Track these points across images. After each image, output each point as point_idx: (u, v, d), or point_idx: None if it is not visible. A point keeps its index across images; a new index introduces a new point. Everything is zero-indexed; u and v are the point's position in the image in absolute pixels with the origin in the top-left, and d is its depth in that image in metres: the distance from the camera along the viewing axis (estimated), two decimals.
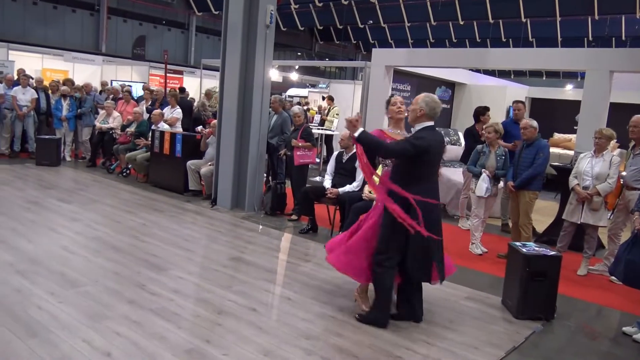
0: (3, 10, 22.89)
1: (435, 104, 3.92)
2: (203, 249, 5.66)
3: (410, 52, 11.92)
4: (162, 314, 3.82)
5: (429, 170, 4.00)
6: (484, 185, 6.04)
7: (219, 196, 7.44)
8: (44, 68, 14.70)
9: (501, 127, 6.25)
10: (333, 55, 39.24)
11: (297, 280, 4.81)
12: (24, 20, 23.54)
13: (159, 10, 28.60)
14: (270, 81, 7.61)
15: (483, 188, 6.04)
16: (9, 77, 10.50)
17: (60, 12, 24.87)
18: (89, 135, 10.38)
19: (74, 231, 5.74)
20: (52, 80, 11.12)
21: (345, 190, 6.19)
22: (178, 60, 27.61)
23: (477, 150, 6.29)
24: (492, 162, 6.07)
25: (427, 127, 3.91)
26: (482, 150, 6.21)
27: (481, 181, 6.07)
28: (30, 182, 8.11)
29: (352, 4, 29.55)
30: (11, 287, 4.05)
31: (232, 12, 7.23)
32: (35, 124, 10.32)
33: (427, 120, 3.92)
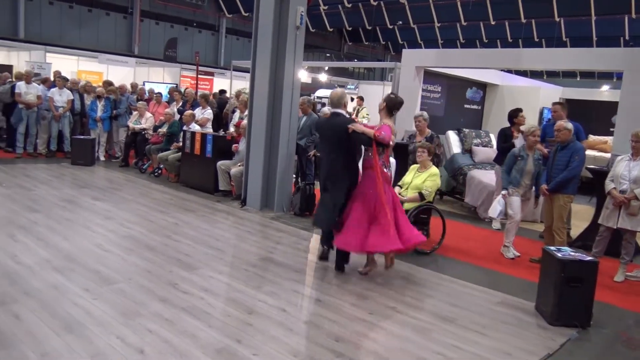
0: (41, 13, 23.57)
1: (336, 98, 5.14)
2: (233, 249, 5.71)
3: (441, 53, 11.80)
4: (193, 312, 3.87)
5: (323, 145, 5.33)
6: (498, 207, 5.86)
7: (248, 197, 7.50)
8: (80, 70, 15.09)
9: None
10: (362, 56, 39.18)
11: (326, 281, 4.81)
12: (60, 24, 24.20)
13: (190, 12, 29.03)
14: (300, 82, 7.62)
15: (497, 210, 5.87)
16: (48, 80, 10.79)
17: (95, 15, 25.48)
18: (125, 135, 10.60)
19: (108, 229, 5.86)
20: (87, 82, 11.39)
21: None
22: (208, 61, 27.97)
23: (513, 154, 6.02)
24: (530, 167, 5.87)
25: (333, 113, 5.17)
26: (519, 154, 5.95)
27: (496, 203, 5.92)
28: (66, 181, 8.31)
29: (381, 5, 29.45)
30: (48, 283, 4.16)
31: (262, 14, 7.27)
32: (70, 124, 10.59)
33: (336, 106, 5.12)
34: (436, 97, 11.08)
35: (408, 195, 5.86)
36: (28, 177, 8.33)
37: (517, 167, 5.92)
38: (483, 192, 8.01)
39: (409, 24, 31.45)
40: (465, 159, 8.89)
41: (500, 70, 12.57)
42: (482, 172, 8.39)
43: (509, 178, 5.95)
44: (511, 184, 5.93)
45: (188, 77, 17.29)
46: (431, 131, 6.91)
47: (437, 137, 6.93)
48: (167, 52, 18.63)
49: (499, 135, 7.63)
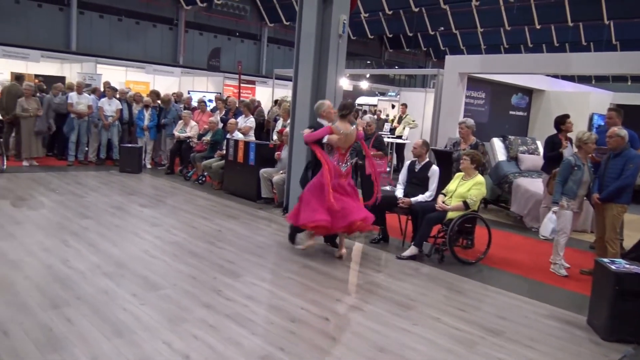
0: (91, 26, 24.53)
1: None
2: (275, 256, 5.74)
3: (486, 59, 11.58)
4: (237, 319, 3.90)
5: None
6: (550, 225, 5.52)
7: (290, 204, 7.52)
8: (128, 80, 15.57)
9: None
10: (403, 63, 38.96)
11: (369, 290, 4.77)
12: (109, 36, 25.11)
13: (233, 22, 29.59)
14: (342, 90, 7.63)
15: (549, 228, 5.52)
16: (98, 90, 11.20)
17: (142, 27, 26.31)
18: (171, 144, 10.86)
19: (154, 236, 6.00)
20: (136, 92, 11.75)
21: (418, 200, 6.08)
22: (250, 70, 28.40)
23: (569, 164, 5.59)
24: (587, 177, 5.57)
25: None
26: (575, 164, 5.57)
27: (547, 221, 5.56)
28: (115, 188, 8.58)
29: (422, 11, 29.25)
30: (99, 288, 4.29)
31: (305, 23, 7.32)
32: (119, 133, 10.94)
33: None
34: (480, 103, 10.88)
35: (452, 204, 5.76)
36: (79, 184, 8.64)
37: (574, 178, 5.56)
38: (530, 201, 7.79)
39: (451, 29, 31.09)
40: (511, 167, 8.68)
41: (546, 76, 12.24)
42: (528, 180, 8.17)
43: (562, 190, 5.59)
44: (565, 195, 5.58)
45: (231, 86, 17.59)
46: (476, 138, 6.78)
47: (482, 144, 6.80)
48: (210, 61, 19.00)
49: (546, 143, 7.40)
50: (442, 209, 5.75)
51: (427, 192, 6.14)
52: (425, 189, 6.19)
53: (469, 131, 6.79)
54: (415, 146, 6.37)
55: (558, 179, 5.67)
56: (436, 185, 6.19)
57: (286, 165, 7.70)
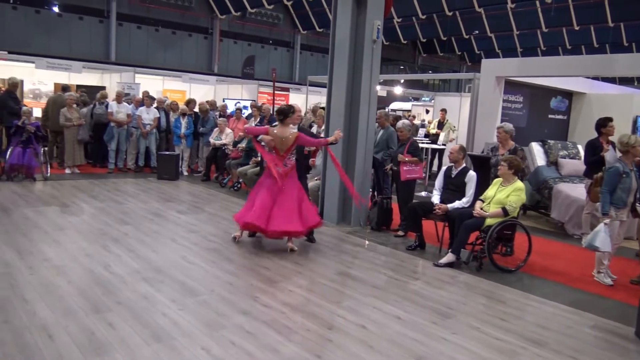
0: (130, 37, 25.23)
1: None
2: (311, 263, 5.73)
3: (523, 62, 11.34)
4: (274, 326, 3.91)
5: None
6: (606, 238, 5.07)
7: (325, 210, 7.53)
8: (165, 89, 15.90)
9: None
10: (436, 68, 38.63)
11: (406, 298, 4.70)
12: (147, 46, 25.76)
13: (266, 30, 29.95)
14: (377, 96, 7.60)
15: (606, 242, 5.07)
16: (137, 99, 11.48)
17: (179, 37, 26.90)
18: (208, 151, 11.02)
19: (192, 242, 6.08)
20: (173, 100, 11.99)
21: (455, 206, 5.99)
22: (284, 77, 28.66)
23: (617, 171, 5.26)
24: (634, 183, 5.31)
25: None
26: (624, 171, 5.27)
27: (604, 233, 5.07)
28: (153, 195, 8.75)
29: (456, 15, 28.95)
30: (139, 293, 4.36)
31: (339, 29, 7.34)
32: (157, 141, 11.17)
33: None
34: (518, 107, 10.65)
35: (490, 211, 5.64)
36: (119, 191, 8.85)
37: (623, 186, 5.25)
38: (571, 207, 7.57)
39: (486, 33, 30.67)
40: (551, 172, 8.46)
41: (586, 78, 11.89)
42: (569, 186, 7.94)
43: (611, 199, 5.27)
44: (614, 205, 5.28)
45: (265, 93, 17.75)
46: (515, 143, 6.63)
47: (521, 149, 6.64)
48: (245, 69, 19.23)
49: (586, 147, 7.17)
50: (480, 215, 5.64)
51: (464, 198, 6.05)
52: (462, 195, 6.10)
53: (507, 136, 6.65)
54: (452, 151, 6.28)
55: (605, 189, 5.29)
56: (473, 191, 6.09)
57: (321, 171, 7.70)
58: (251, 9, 26.13)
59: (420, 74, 34.92)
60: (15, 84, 10.46)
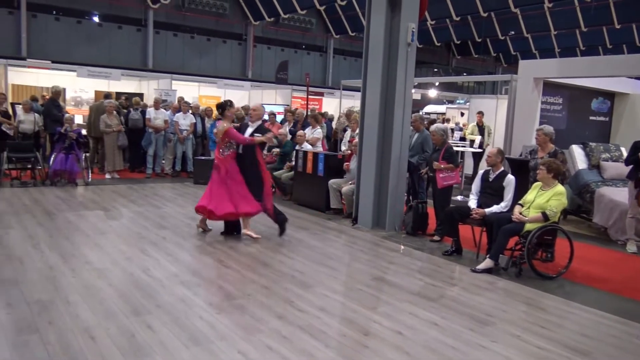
0: (166, 45, 25.77)
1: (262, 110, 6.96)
2: (346, 268, 5.72)
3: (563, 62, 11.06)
4: (309, 331, 3.90)
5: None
6: None
7: (359, 215, 7.50)
8: (200, 95, 16.17)
9: None
10: (471, 70, 38.07)
11: (443, 304, 4.63)
12: (183, 53, 26.26)
13: (299, 35, 30.13)
14: (412, 99, 7.54)
15: None
16: (174, 105, 11.71)
17: (213, 44, 27.33)
18: None
19: (228, 246, 6.14)
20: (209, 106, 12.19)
21: (493, 210, 5.86)
22: (317, 82, 28.75)
23: None
24: None
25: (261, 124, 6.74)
26: None
27: None
28: (190, 199, 8.88)
29: (491, 16, 28.49)
30: (177, 297, 4.43)
31: (373, 32, 7.31)
32: (193, 146, 11.36)
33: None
34: (557, 109, 10.38)
35: (530, 215, 5.50)
36: (157, 195, 9.03)
37: None
38: (614, 212, 7.32)
39: (522, 33, 30.06)
40: (593, 175, 8.20)
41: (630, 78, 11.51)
42: (613, 190, 7.69)
43: None
44: None
45: (299, 97, 17.85)
46: (554, 146, 6.46)
47: (561, 152, 6.47)
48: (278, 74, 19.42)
49: (631, 149, 6.94)
50: (520, 220, 5.51)
51: (502, 203, 5.91)
52: (499, 199, 5.97)
53: (546, 138, 6.48)
54: (490, 155, 6.17)
55: None
56: (512, 195, 5.95)
57: (355, 175, 7.68)
58: (284, 14, 26.33)
59: (454, 76, 34.45)
60: (58, 92, 10.84)
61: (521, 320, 4.35)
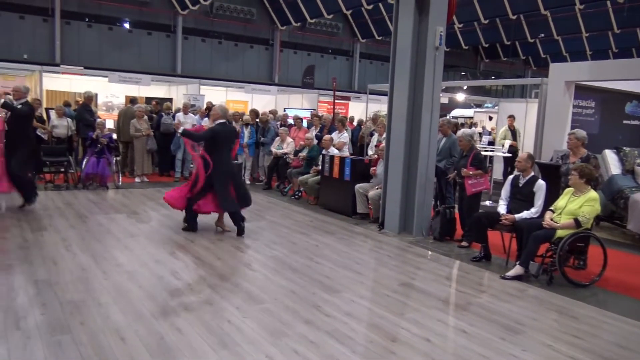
0: (195, 50, 26.13)
1: (226, 111, 7.04)
2: (373, 273, 5.69)
3: (595, 65, 10.81)
4: (336, 336, 3.88)
5: (221, 148, 6.69)
6: None
7: (386, 220, 7.46)
8: (228, 100, 16.33)
9: None
10: (499, 73, 37.53)
11: (472, 311, 4.56)
12: (211, 58, 26.58)
13: (326, 40, 30.18)
14: (439, 103, 7.47)
15: None
16: (202, 110, 11.85)
17: (240, 49, 27.60)
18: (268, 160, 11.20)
19: (255, 250, 6.18)
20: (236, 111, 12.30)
21: (523, 216, 5.76)
22: (343, 86, 28.75)
23: None
24: None
25: (220, 123, 6.67)
26: None
27: None
28: None
29: (520, 18, 28.04)
30: (205, 300, 4.47)
31: (400, 36, 7.28)
32: None
33: (221, 119, 6.71)
34: (589, 113, 10.15)
35: (562, 222, 5.38)
36: None
37: None
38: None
39: (553, 35, 29.48)
40: (627, 181, 7.98)
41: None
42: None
43: None
44: None
45: (325, 102, 17.87)
46: (587, 151, 6.31)
47: (594, 157, 6.32)
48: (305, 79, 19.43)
49: None
50: (551, 226, 5.39)
51: (532, 209, 5.81)
52: (529, 205, 5.86)
53: (579, 143, 6.34)
54: (520, 160, 6.06)
55: None
56: (543, 201, 5.83)
57: (382, 180, 7.64)
58: (311, 19, 26.42)
59: (482, 80, 33.99)
60: (91, 97, 11.09)
61: (553, 329, 4.25)
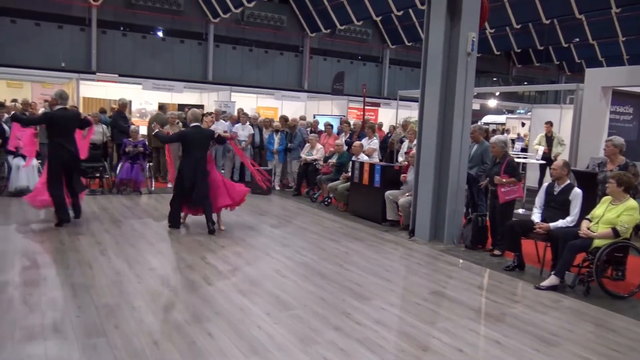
0: (226, 57, 26.51)
1: (197, 115, 7.43)
2: (403, 281, 5.64)
3: (633, 70, 10.52)
4: (367, 344, 3.86)
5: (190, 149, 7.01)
6: None
7: (417, 227, 7.39)
8: (258, 106, 16.50)
9: None
10: (532, 79, 36.92)
11: (505, 322, 4.47)
12: (241, 65, 26.93)
13: (356, 46, 30.24)
14: (471, 109, 7.38)
15: None
16: (234, 117, 12.00)
17: (271, 56, 27.89)
18: (297, 166, 11.25)
19: (285, 256, 6.20)
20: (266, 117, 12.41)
21: (558, 225, 5.62)
22: (373, 92, 28.71)
23: None
24: None
25: (193, 126, 7.15)
26: None
27: None
28: (247, 209, 9.00)
29: (554, 23, 27.51)
30: (236, 305, 4.50)
31: (432, 42, 7.23)
32: (251, 156, 11.56)
33: (194, 122, 7.22)
34: (627, 119, 9.88)
35: (599, 231, 5.24)
36: None
37: None
38: None
39: (588, 40, 28.85)
40: None
41: None
42: None
43: None
44: None
45: (355, 108, 17.88)
46: (625, 158, 6.14)
47: (633, 165, 6.13)
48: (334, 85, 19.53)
49: None
50: (588, 235, 5.25)
51: (568, 217, 5.67)
52: (564, 214, 5.72)
53: (616, 150, 6.18)
54: (555, 167, 5.93)
55: None
56: (579, 209, 5.69)
57: (412, 187, 7.58)
58: (340, 25, 26.51)
59: (515, 85, 33.44)
60: (125, 104, 11.35)
61: (589, 342, 4.13)
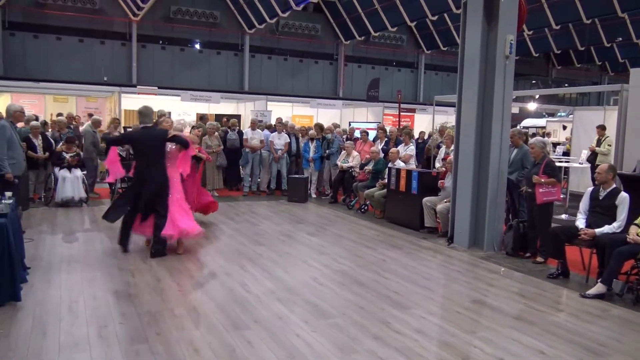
0: (261, 67, 26.85)
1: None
2: (443, 289, 5.54)
3: None
4: (406, 353, 3.81)
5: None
6: None
7: (455, 234, 7.27)
8: (294, 114, 16.62)
9: None
10: (572, 80, 35.89)
11: (549, 331, 4.33)
12: (277, 75, 27.22)
13: (390, 52, 30.13)
14: (510, 113, 7.23)
15: None
16: (268, 125, 12.13)
17: (305, 65, 28.07)
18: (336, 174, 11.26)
19: (322, 264, 6.20)
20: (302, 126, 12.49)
21: (604, 231, 5.44)
22: (408, 98, 28.51)
23: None
24: None
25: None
26: None
27: None
28: (284, 216, 9.10)
29: (595, 22, 26.72)
30: (274, 313, 4.52)
31: (469, 46, 7.13)
32: (287, 164, 11.66)
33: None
34: None
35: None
36: (253, 213, 9.34)
37: None
38: None
39: (631, 39, 27.87)
40: None
41: None
42: None
43: None
44: None
45: (390, 115, 17.79)
46: None
47: None
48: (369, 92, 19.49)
49: None
50: (636, 242, 5.05)
51: (615, 223, 5.47)
52: (610, 219, 5.53)
53: None
54: (600, 171, 5.74)
55: None
56: (626, 214, 5.49)
57: (450, 193, 7.47)
58: (375, 32, 26.47)
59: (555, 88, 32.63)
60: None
61: (638, 352, 3.96)
